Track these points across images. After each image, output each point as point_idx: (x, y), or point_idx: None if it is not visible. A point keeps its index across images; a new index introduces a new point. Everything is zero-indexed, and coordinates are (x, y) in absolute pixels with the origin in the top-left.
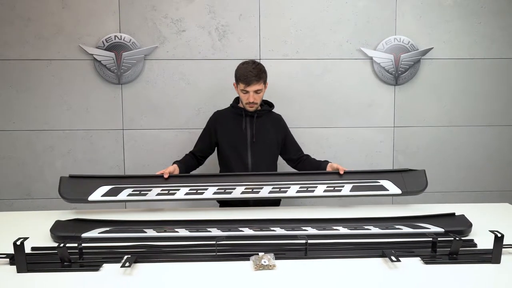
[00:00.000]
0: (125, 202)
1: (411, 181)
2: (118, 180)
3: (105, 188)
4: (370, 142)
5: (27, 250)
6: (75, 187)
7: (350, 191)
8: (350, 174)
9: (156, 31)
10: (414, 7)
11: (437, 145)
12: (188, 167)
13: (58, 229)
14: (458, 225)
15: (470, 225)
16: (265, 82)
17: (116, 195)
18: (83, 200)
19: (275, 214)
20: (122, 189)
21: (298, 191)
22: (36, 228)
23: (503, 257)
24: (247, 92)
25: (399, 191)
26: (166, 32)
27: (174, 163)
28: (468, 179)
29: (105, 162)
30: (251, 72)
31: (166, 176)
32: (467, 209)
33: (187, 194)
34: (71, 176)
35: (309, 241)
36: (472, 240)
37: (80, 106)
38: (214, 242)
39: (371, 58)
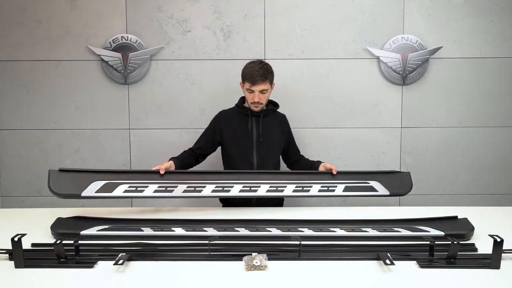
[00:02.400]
0: (120, 198)
1: (398, 183)
2: (112, 175)
3: (99, 183)
4: (377, 143)
5: (29, 246)
6: (66, 182)
7: (343, 191)
8: (342, 175)
9: (161, 31)
10: (422, 5)
11: (446, 146)
12: (185, 165)
13: (58, 226)
14: (460, 229)
15: (472, 228)
16: (271, 83)
17: (111, 191)
18: (76, 195)
19: (274, 215)
20: (117, 184)
21: (294, 191)
22: (39, 225)
23: (503, 263)
24: (252, 91)
25: (387, 192)
26: (171, 32)
27: (170, 159)
28: (478, 182)
29: (112, 160)
30: (257, 72)
31: (162, 172)
32: (472, 212)
33: (185, 191)
34: (60, 170)
35: (304, 243)
36: (473, 244)
37: (87, 105)
38: (207, 242)
39: (378, 58)
